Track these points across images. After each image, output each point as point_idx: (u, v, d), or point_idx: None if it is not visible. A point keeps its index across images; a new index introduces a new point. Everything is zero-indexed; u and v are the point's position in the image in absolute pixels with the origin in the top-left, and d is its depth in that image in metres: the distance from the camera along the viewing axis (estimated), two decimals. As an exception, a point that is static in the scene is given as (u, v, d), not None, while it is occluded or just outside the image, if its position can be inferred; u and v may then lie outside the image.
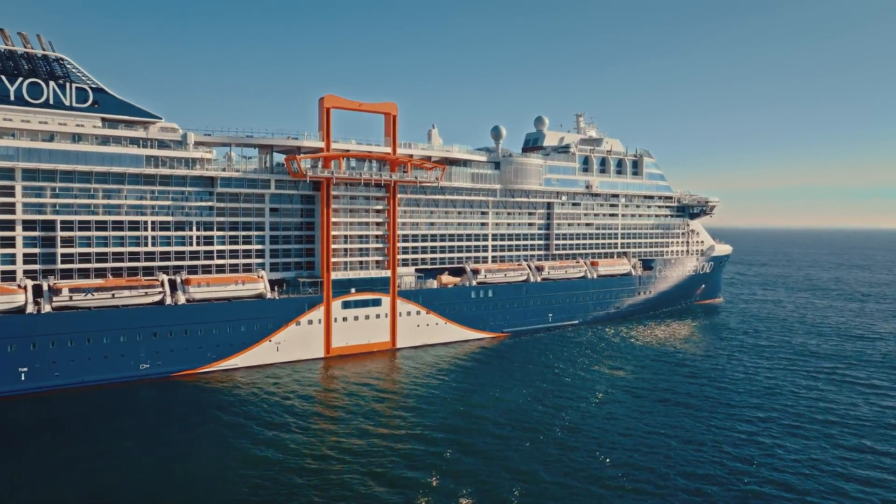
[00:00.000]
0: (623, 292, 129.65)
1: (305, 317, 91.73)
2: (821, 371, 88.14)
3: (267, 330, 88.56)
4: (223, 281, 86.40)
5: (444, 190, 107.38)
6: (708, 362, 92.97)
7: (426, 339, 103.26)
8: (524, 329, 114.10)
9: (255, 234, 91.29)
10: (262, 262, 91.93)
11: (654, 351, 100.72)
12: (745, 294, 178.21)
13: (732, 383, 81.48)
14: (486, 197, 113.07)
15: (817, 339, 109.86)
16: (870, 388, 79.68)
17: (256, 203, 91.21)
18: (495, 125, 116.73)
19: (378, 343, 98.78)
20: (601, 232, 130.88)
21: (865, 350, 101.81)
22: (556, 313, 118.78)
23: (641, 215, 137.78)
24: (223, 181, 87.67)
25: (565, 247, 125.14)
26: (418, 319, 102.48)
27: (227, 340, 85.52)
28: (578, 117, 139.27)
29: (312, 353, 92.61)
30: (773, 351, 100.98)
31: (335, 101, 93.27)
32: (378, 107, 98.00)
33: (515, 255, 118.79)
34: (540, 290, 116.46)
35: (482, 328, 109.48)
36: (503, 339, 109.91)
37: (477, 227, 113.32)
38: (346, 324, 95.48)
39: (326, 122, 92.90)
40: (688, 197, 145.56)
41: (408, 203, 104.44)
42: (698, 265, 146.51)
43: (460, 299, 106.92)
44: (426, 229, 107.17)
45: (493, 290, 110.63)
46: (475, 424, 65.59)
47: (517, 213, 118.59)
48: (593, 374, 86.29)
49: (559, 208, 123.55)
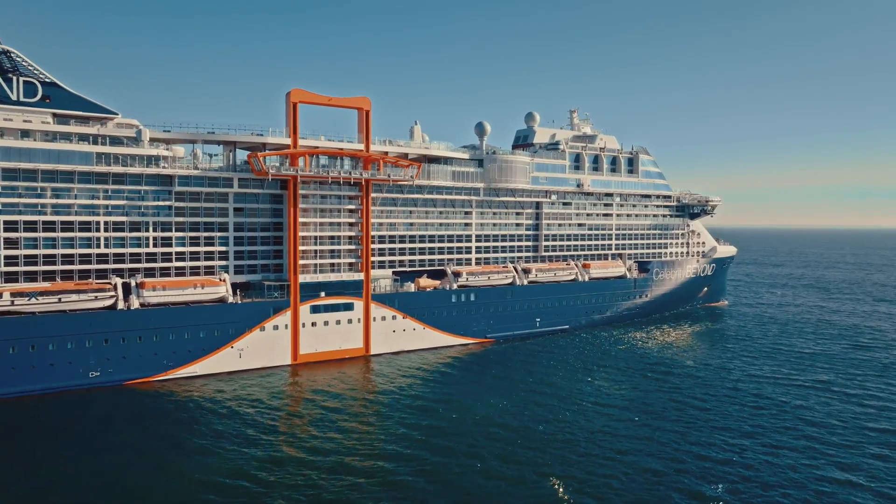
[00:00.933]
0: (617, 296, 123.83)
1: (270, 322, 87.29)
2: (816, 385, 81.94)
3: (228, 336, 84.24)
4: (181, 284, 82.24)
5: (422, 189, 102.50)
6: (696, 374, 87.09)
7: (403, 345, 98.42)
8: (510, 335, 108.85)
9: (218, 236, 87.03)
10: (226, 264, 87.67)
11: (642, 360, 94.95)
12: (752, 296, 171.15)
13: (716, 401, 75.55)
14: (469, 196, 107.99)
15: (815, 346, 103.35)
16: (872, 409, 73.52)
17: (219, 202, 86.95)
18: (479, 121, 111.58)
19: (350, 349, 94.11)
20: (594, 233, 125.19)
21: (868, 359, 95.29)
22: (545, 318, 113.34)
23: (638, 215, 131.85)
24: (182, 180, 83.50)
25: (555, 248, 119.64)
26: (394, 324, 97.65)
27: (185, 347, 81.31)
28: (572, 113, 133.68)
29: (278, 360, 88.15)
30: (765, 360, 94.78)
31: (302, 96, 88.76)
32: (350, 101, 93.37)
33: (501, 256, 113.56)
34: (527, 293, 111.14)
35: (464, 334, 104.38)
36: (487, 345, 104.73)
37: (459, 227, 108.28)
38: (315, 329, 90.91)
39: (293, 118, 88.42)
40: (688, 196, 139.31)
41: (384, 202, 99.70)
42: (699, 267, 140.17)
43: (440, 303, 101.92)
44: (404, 230, 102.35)
45: (476, 294, 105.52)
46: (445, 440, 60.93)
47: (503, 213, 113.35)
48: (575, 384, 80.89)
49: (548, 208, 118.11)
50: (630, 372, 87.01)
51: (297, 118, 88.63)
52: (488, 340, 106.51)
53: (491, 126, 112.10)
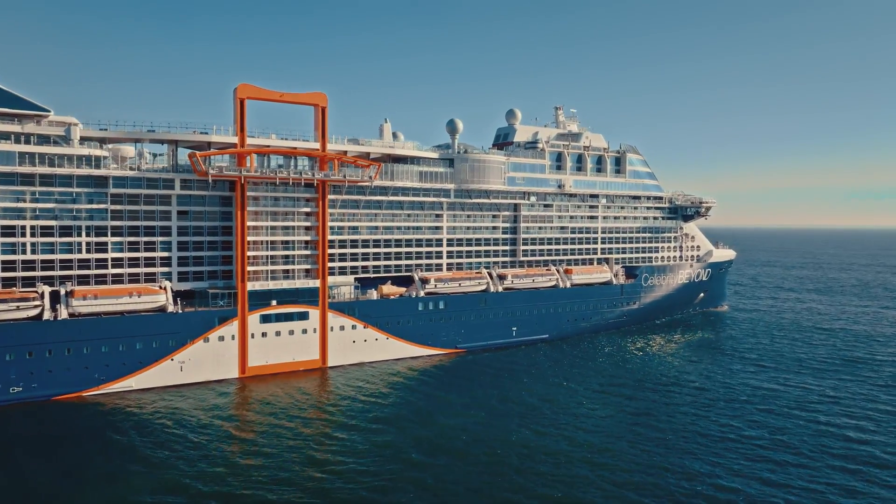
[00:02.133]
0: (603, 303, 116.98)
1: (215, 332, 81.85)
2: (797, 406, 74.72)
3: (168, 347, 78.92)
4: (115, 293, 77.04)
5: (386, 190, 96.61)
6: (676, 391, 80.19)
7: (364, 356, 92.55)
8: (483, 345, 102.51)
9: (160, 241, 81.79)
10: (169, 271, 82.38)
11: (622, 372, 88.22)
12: (755, 300, 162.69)
13: (690, 426, 68.76)
14: (440, 198, 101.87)
15: (807, 355, 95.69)
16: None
17: (161, 205, 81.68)
18: (451, 119, 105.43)
19: (305, 361, 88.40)
20: (578, 236, 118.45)
21: (870, 371, 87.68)
22: (522, 327, 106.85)
23: (626, 217, 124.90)
24: (117, 181, 78.33)
25: (535, 253, 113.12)
26: (354, 334, 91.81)
27: (119, 360, 76.10)
28: (557, 110, 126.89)
29: (224, 372, 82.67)
30: (755, 373, 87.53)
31: (250, 92, 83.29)
32: (304, 97, 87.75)
33: (476, 262, 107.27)
34: (502, 301, 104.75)
35: (432, 344, 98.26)
36: (457, 356, 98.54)
37: (429, 231, 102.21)
38: (265, 340, 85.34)
39: (241, 115, 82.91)
40: (681, 197, 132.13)
41: (345, 205, 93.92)
42: (693, 272, 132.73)
43: (405, 312, 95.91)
44: (368, 234, 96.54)
45: (445, 302, 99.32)
46: (399, 465, 55.76)
47: (477, 216, 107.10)
48: (544, 400, 74.81)
49: (527, 210, 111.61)
50: (607, 386, 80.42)
51: (245, 115, 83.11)
52: (459, 351, 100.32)
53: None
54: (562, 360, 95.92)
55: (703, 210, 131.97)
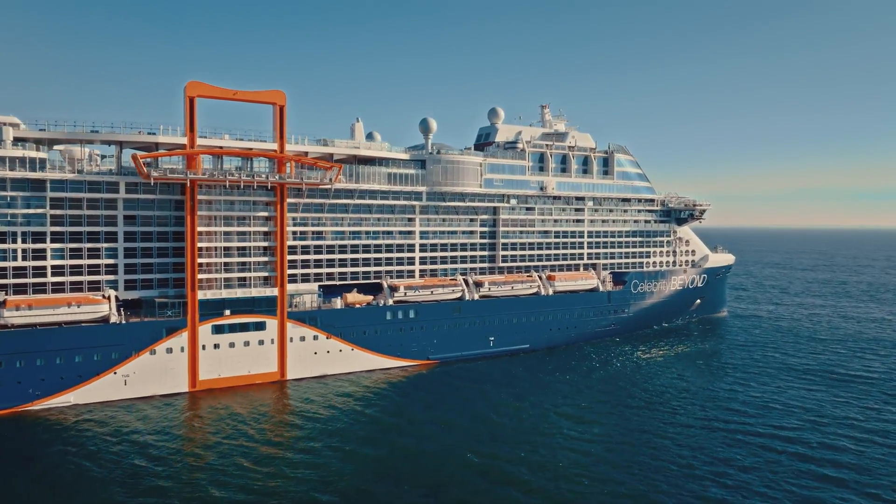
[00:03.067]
0: (589, 311, 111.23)
1: (163, 344, 77.44)
2: (788, 437, 68.75)
3: (111, 360, 74.60)
4: (53, 302, 72.80)
5: (352, 193, 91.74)
6: (658, 409, 74.53)
7: (326, 368, 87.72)
8: (457, 356, 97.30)
9: (106, 247, 77.52)
10: (115, 279, 78.08)
11: (601, 387, 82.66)
12: (756, 305, 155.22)
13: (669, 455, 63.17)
14: (411, 201, 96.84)
15: (800, 365, 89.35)
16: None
17: (107, 210, 77.42)
18: (424, 118, 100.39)
19: (262, 374, 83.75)
20: (562, 241, 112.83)
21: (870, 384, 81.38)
22: (500, 337, 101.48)
23: (615, 221, 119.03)
24: (55, 184, 74.15)
25: (515, 258, 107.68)
26: (316, 346, 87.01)
27: (57, 373, 71.89)
28: (543, 109, 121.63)
29: (173, 386, 78.22)
30: (738, 391, 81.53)
31: (201, 89, 78.76)
32: (261, 95, 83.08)
33: (451, 268, 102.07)
34: (478, 309, 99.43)
35: (402, 355, 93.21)
36: (429, 367, 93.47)
37: (401, 236, 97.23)
38: (217, 352, 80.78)
39: (190, 114, 78.36)
40: (674, 200, 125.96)
41: (308, 209, 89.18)
42: (687, 278, 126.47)
43: (372, 321, 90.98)
44: (333, 239, 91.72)
45: (416, 310, 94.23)
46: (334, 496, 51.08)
47: (453, 220, 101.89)
48: (515, 417, 69.93)
49: (507, 213, 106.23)
50: (583, 402, 74.93)
51: (195, 115, 78.56)
52: (431, 362, 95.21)
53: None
54: (540, 372, 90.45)
55: (698, 213, 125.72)
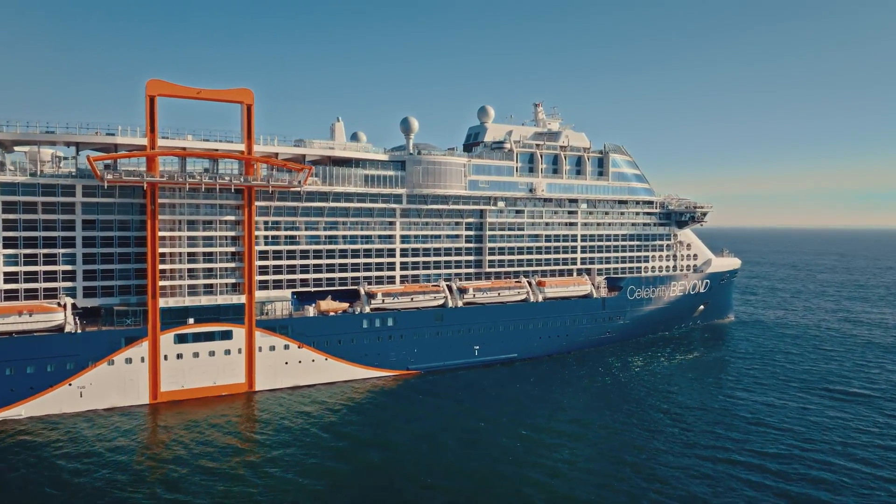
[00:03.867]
0: (582, 319, 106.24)
1: (121, 354, 74.16)
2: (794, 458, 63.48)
3: (66, 371, 71.46)
4: (4, 311, 69.78)
5: (326, 196, 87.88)
6: (647, 424, 69.63)
7: (298, 379, 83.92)
8: (439, 366, 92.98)
9: (63, 253, 74.44)
10: (73, 286, 74.97)
11: (587, 401, 77.93)
12: (764, 310, 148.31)
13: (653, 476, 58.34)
14: (390, 204, 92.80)
15: (800, 378, 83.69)
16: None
17: (64, 214, 74.36)
18: (405, 117, 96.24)
19: (229, 385, 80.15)
20: (554, 245, 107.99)
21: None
22: (486, 346, 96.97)
23: (611, 224, 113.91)
24: (6, 188, 71.17)
25: (503, 263, 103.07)
26: (287, 355, 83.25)
27: (6, 385, 68.89)
28: (536, 107, 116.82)
29: (133, 398, 74.90)
30: (734, 404, 76.27)
31: (162, 88, 75.29)
32: (227, 94, 79.42)
33: (434, 273, 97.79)
34: (461, 317, 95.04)
35: (380, 365, 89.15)
36: (409, 378, 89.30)
37: (380, 240, 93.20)
38: (180, 362, 77.31)
39: (151, 114, 74.96)
40: (674, 201, 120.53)
41: (280, 212, 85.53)
42: (688, 283, 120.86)
43: (347, 330, 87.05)
44: (308, 244, 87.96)
45: (396, 318, 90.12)
46: None
47: (436, 224, 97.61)
48: (490, 432, 65.79)
49: (494, 217, 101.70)
50: (568, 416, 70.36)
51: (156, 114, 75.15)
52: (411, 373, 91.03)
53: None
54: (525, 383, 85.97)
55: (699, 215, 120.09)
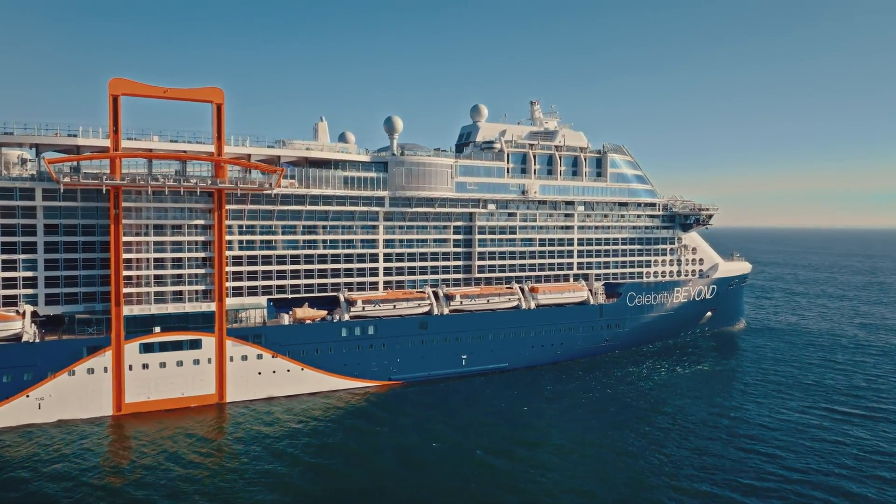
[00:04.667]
0: (578, 327, 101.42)
1: (83, 364, 71.25)
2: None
3: (23, 382, 68.71)
4: (-43, 320, 67.29)
5: (303, 199, 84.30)
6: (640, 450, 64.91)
7: (273, 390, 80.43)
8: (424, 376, 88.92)
9: (23, 259, 71.69)
10: (34, 293, 72.20)
11: (575, 416, 73.36)
12: (777, 316, 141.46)
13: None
14: (371, 207, 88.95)
15: (803, 394, 78.08)
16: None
17: (24, 218, 71.61)
18: (388, 116, 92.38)
19: (198, 396, 76.88)
20: (548, 249, 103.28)
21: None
22: (475, 355, 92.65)
23: (610, 227, 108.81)
24: (-40, 192, 68.67)
25: (493, 269, 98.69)
26: (260, 365, 79.80)
27: (-40, 397, 66.30)
28: (533, 105, 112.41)
29: (96, 410, 71.93)
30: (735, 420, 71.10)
31: (126, 87, 72.24)
32: (195, 93, 76.17)
33: (420, 279, 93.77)
34: (447, 325, 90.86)
35: (359, 375, 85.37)
36: (391, 389, 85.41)
37: (363, 245, 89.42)
38: (146, 372, 74.20)
39: (114, 114, 71.90)
40: (678, 203, 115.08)
41: (255, 216, 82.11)
42: (693, 289, 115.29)
43: (325, 338, 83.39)
44: (284, 248, 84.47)
45: (377, 326, 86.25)
46: None
47: (422, 228, 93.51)
48: (470, 453, 61.85)
49: (484, 220, 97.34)
50: (566, 436, 65.92)
51: (119, 114, 72.09)
52: (394, 383, 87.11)
53: None
54: (513, 394, 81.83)
55: (704, 218, 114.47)
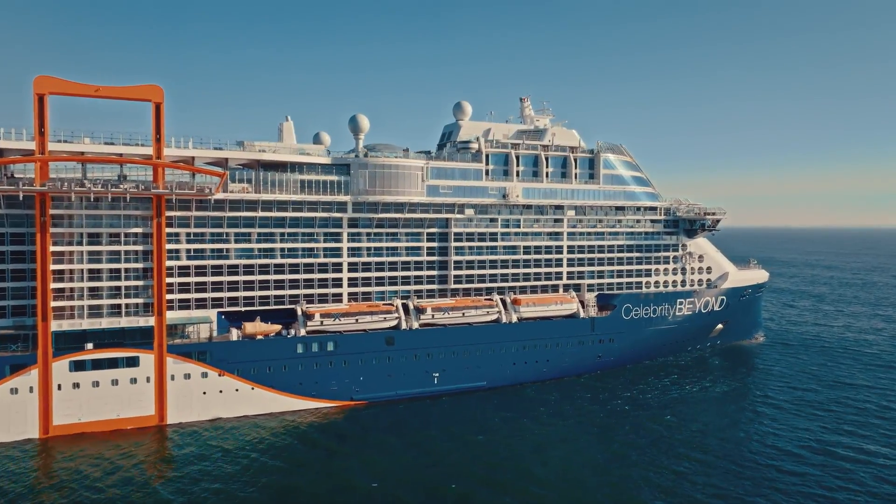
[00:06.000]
0: (566, 342, 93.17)
1: (6, 384, 66.42)
2: None
3: (-63, 404, 64.12)
4: None
5: (254, 204, 78.16)
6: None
7: (220, 411, 74.54)
8: (390, 396, 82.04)
9: (-55, 270, 67.24)
10: (-44, 307, 67.68)
11: (563, 451, 65.58)
12: (799, 327, 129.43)
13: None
14: (332, 213, 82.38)
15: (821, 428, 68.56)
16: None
17: (-54, 227, 67.16)
18: (353, 115, 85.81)
19: (135, 418, 71.38)
20: (535, 258, 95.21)
21: None
22: (448, 373, 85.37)
23: (604, 233, 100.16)
24: None
25: (472, 279, 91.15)
26: (205, 384, 73.96)
27: None
28: (523, 102, 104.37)
29: (19, 433, 66.99)
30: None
31: (53, 85, 67.02)
32: (131, 91, 70.58)
33: (391, 290, 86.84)
34: (416, 340, 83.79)
35: (317, 395, 78.96)
36: (352, 409, 78.80)
37: (326, 253, 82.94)
38: (77, 392, 68.97)
39: (40, 115, 66.72)
40: (683, 207, 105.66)
41: (203, 223, 76.30)
42: (698, 301, 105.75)
43: (278, 355, 77.19)
44: (238, 258, 78.51)
45: (337, 342, 79.71)
46: None
47: (392, 235, 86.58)
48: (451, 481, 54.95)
49: (461, 226, 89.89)
50: (544, 467, 58.35)
51: (46, 115, 66.97)
52: (357, 403, 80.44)
53: None
54: (486, 416, 74.83)
55: (710, 223, 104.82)
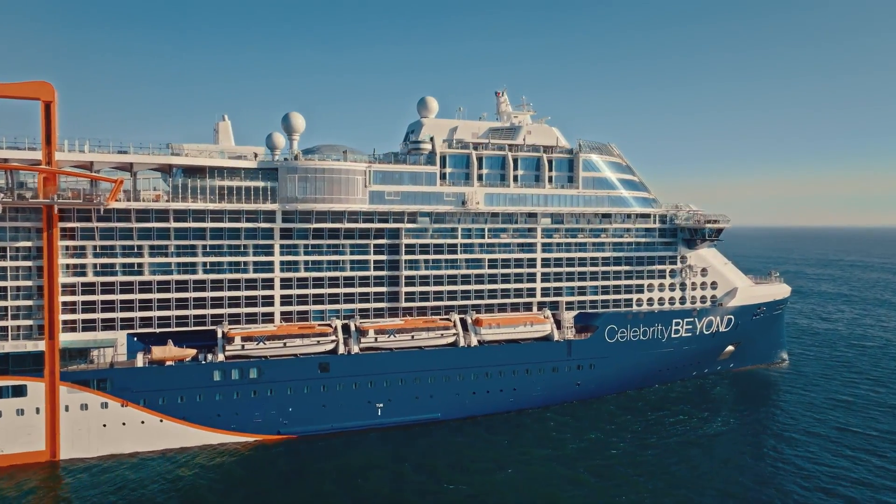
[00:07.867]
0: (538, 368, 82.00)
1: None
2: None
3: None
4: None
5: (165, 214, 69.95)
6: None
7: (122, 446, 66.58)
8: (325, 429, 72.68)
9: None
10: None
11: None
12: (832, 350, 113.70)
13: None
14: (262, 223, 73.54)
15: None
16: None
17: None
18: (286, 114, 76.77)
19: (22, 454, 64.00)
20: (502, 272, 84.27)
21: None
22: (394, 404, 75.48)
23: (588, 245, 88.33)
24: None
25: (427, 296, 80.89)
26: (106, 416, 66.11)
27: None
28: (498, 97, 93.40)
29: None
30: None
31: (-76, 83, 60.43)
32: (17, 89, 63.12)
33: (332, 309, 77.45)
34: (357, 366, 74.15)
35: (239, 429, 70.24)
36: (276, 445, 69.77)
37: (253, 268, 74.21)
38: (-47, 426, 62.07)
39: (-89, 116, 60.24)
40: (682, 214, 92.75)
41: (109, 235, 68.57)
42: (700, 320, 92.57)
43: (191, 384, 68.80)
44: (152, 273, 70.52)
45: (261, 368, 70.81)
46: None
47: (333, 248, 77.19)
48: None
49: (413, 237, 79.80)
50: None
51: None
52: (284, 438, 71.37)
53: None
54: (432, 456, 64.97)
55: (711, 232, 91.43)
